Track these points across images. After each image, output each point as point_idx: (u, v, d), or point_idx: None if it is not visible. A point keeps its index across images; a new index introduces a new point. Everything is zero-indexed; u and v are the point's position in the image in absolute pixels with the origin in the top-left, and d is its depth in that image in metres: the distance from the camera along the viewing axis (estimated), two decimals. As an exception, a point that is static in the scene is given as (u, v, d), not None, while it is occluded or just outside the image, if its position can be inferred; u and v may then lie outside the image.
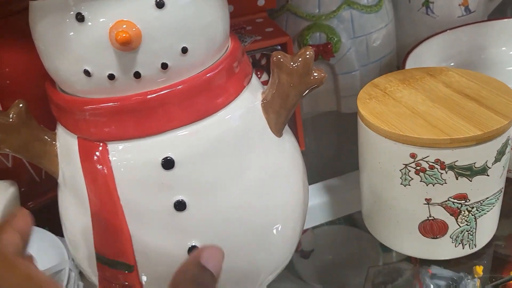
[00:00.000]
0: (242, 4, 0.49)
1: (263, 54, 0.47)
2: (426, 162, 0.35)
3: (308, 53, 0.33)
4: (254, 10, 0.50)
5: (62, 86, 0.32)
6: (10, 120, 0.32)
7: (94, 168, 0.31)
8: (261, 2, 0.50)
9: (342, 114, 0.55)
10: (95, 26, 0.28)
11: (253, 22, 0.49)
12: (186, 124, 0.31)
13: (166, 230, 0.32)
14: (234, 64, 0.33)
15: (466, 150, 0.34)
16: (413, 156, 0.35)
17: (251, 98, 0.34)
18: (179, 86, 0.30)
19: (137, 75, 0.29)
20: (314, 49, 0.40)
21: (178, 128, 0.31)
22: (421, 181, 0.36)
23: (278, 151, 0.35)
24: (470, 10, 0.58)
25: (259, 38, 0.46)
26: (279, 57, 0.33)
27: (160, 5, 0.28)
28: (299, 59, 0.33)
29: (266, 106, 0.34)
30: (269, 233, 0.35)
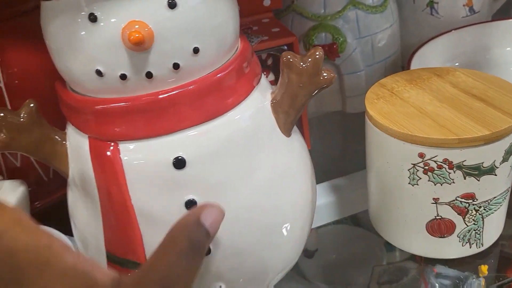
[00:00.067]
0: (248, 4, 0.49)
1: (270, 54, 0.47)
2: (435, 161, 0.35)
3: (317, 53, 0.33)
4: (260, 10, 0.50)
5: (73, 86, 0.32)
6: (21, 119, 0.32)
7: (105, 167, 0.31)
8: (267, 2, 0.50)
9: (347, 114, 0.55)
10: (108, 26, 0.28)
11: (259, 22, 0.49)
12: (197, 124, 0.31)
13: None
14: (244, 64, 0.33)
15: (474, 150, 0.35)
16: (421, 155, 0.36)
17: (261, 98, 0.34)
18: (190, 86, 0.30)
19: (149, 75, 0.29)
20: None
21: (189, 128, 0.31)
22: (429, 180, 0.36)
23: (287, 151, 0.35)
24: (474, 11, 0.58)
25: (266, 38, 0.46)
26: (289, 57, 0.33)
27: (172, 5, 0.28)
28: (309, 59, 0.33)
29: (276, 106, 0.34)
30: (278, 232, 0.35)
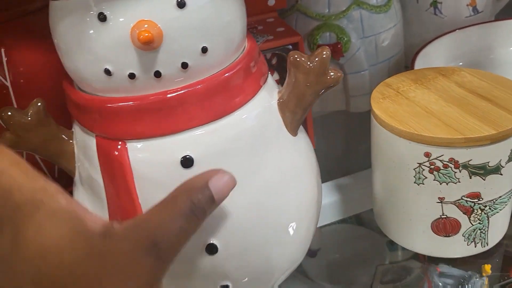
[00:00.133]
0: (252, 4, 0.49)
1: (274, 54, 0.48)
2: (440, 161, 0.35)
3: (324, 52, 0.33)
4: (265, 10, 0.50)
5: (81, 85, 0.32)
6: (29, 118, 0.32)
7: (113, 166, 0.31)
8: (271, 2, 0.50)
9: (351, 113, 0.56)
10: (117, 26, 0.28)
11: (264, 22, 0.49)
12: (205, 123, 0.31)
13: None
14: (251, 63, 0.33)
15: (480, 149, 0.35)
16: (427, 155, 0.36)
17: (268, 97, 0.34)
18: (198, 86, 0.30)
19: (157, 75, 0.29)
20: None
21: (196, 127, 0.31)
22: (434, 179, 0.36)
23: (293, 150, 0.35)
24: (478, 10, 0.58)
25: (271, 37, 0.46)
26: (296, 56, 0.33)
27: (181, 5, 0.28)
28: (316, 59, 0.33)
29: (282, 105, 0.34)
30: (284, 231, 0.35)
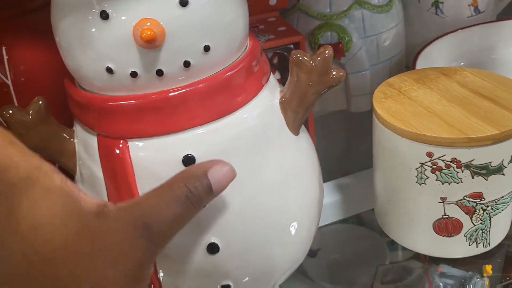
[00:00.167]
0: (254, 3, 0.49)
1: (276, 53, 0.47)
2: (443, 161, 0.35)
3: (327, 52, 0.33)
4: (266, 9, 0.50)
5: (83, 84, 0.32)
6: (29, 117, 0.32)
7: (114, 165, 0.31)
8: (272, 1, 0.50)
9: (352, 113, 0.55)
10: (119, 24, 0.28)
11: (265, 21, 0.49)
12: (207, 122, 0.31)
13: (185, 228, 0.31)
14: (253, 62, 0.33)
15: (483, 149, 0.35)
16: (429, 155, 0.36)
17: (270, 96, 0.34)
18: (201, 85, 0.30)
19: (159, 73, 0.29)
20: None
21: (198, 126, 0.31)
22: (436, 179, 0.36)
23: (295, 149, 0.35)
24: (479, 11, 0.58)
25: (272, 37, 0.46)
26: (298, 55, 0.33)
27: (183, 3, 0.28)
28: (318, 58, 0.33)
29: (284, 104, 0.34)
30: (286, 231, 0.35)
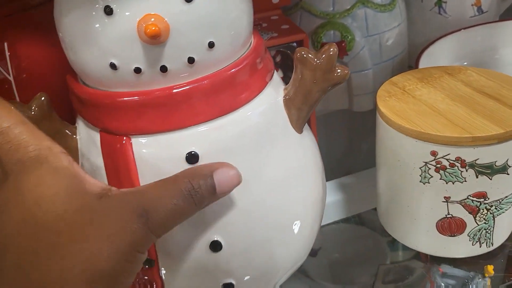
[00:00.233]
0: (256, 1, 0.49)
1: (278, 51, 0.47)
2: (447, 160, 0.35)
3: (332, 49, 0.33)
4: (269, 7, 0.50)
5: (86, 79, 0.32)
6: (32, 113, 0.32)
7: (117, 161, 0.31)
8: (275, 0, 0.50)
9: (354, 112, 0.55)
10: (123, 19, 0.28)
11: (268, 19, 0.49)
12: (210, 119, 0.31)
13: (188, 225, 0.31)
14: (258, 60, 0.33)
15: (488, 149, 0.34)
16: (433, 154, 0.35)
17: (274, 94, 0.34)
18: (205, 81, 0.30)
19: (163, 69, 0.29)
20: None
21: (202, 123, 0.31)
22: (440, 179, 0.36)
23: (298, 147, 0.35)
24: (482, 10, 0.58)
25: (276, 35, 0.46)
26: (303, 53, 0.33)
27: (188, -2, 0.28)
28: (323, 56, 0.33)
29: (288, 102, 0.34)
30: (288, 229, 0.35)
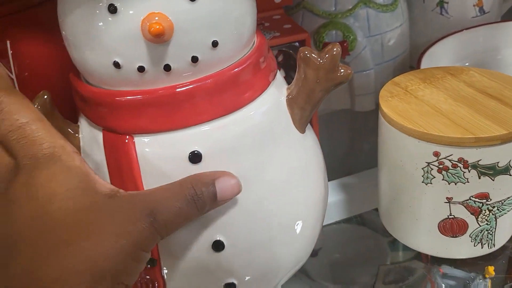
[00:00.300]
0: (259, 0, 0.49)
1: (280, 51, 0.47)
2: (449, 160, 0.35)
3: (335, 49, 0.33)
4: (271, 7, 0.50)
5: (89, 78, 0.32)
6: (34, 111, 0.32)
7: (120, 160, 0.31)
8: (277, -1, 0.50)
9: (356, 112, 0.55)
10: (127, 18, 0.28)
11: (270, 19, 0.49)
12: (214, 118, 0.31)
13: (190, 225, 0.31)
14: (261, 59, 0.33)
15: (491, 149, 0.34)
16: (436, 154, 0.35)
17: (277, 93, 0.34)
18: (208, 80, 0.30)
19: (167, 68, 0.29)
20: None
21: (205, 122, 0.31)
22: (443, 179, 0.36)
23: (301, 147, 0.35)
24: (484, 11, 0.58)
25: (278, 34, 0.46)
26: (306, 52, 0.33)
27: (192, -3, 0.28)
28: (326, 55, 0.33)
29: (291, 101, 0.34)
30: (290, 229, 0.35)
